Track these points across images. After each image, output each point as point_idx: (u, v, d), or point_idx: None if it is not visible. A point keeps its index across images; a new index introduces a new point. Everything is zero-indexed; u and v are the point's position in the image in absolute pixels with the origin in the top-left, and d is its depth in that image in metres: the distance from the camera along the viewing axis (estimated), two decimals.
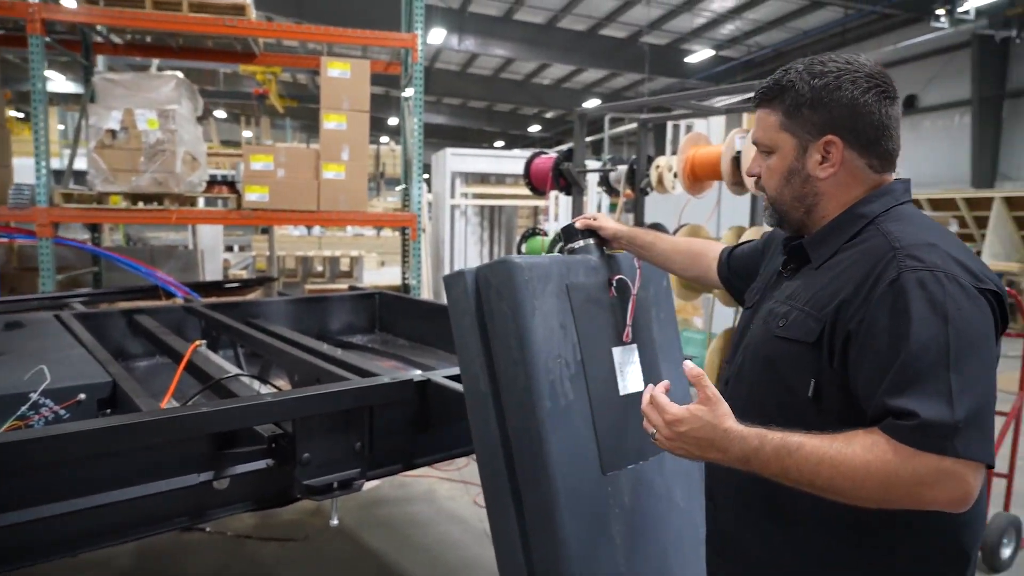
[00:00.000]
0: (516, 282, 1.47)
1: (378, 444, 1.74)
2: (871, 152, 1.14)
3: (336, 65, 4.76)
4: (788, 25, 14.70)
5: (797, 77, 1.14)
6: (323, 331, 3.75)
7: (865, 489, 0.97)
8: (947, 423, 0.93)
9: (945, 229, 1.13)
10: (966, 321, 0.97)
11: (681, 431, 1.06)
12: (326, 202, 4.81)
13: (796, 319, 1.12)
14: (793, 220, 1.21)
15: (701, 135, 3.61)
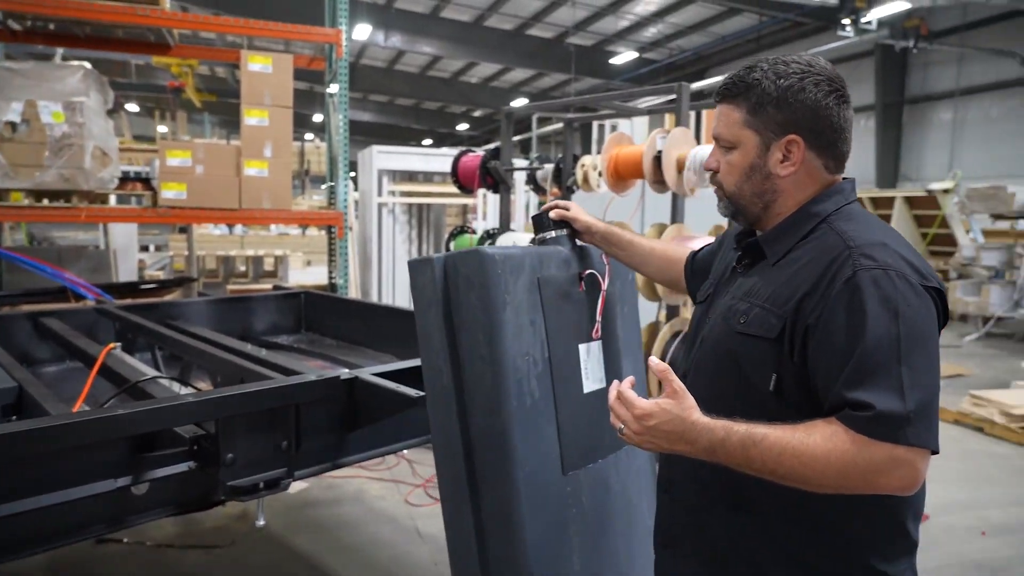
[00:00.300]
0: (488, 274, 1.42)
1: (305, 443, 1.72)
2: (828, 153, 1.19)
3: (257, 59, 4.63)
4: (708, 30, 15.23)
5: (763, 76, 1.17)
6: (247, 332, 3.66)
7: (826, 477, 1.02)
8: (899, 414, 0.99)
9: (890, 228, 1.18)
10: (915, 317, 1.03)
11: (650, 425, 1.08)
12: (248, 200, 4.67)
13: (757, 315, 1.15)
14: (750, 215, 1.24)
15: (624, 135, 3.71)
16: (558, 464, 1.52)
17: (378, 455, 2.06)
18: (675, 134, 3.26)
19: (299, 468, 1.72)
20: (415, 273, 1.50)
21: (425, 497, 3.64)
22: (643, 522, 1.81)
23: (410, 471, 3.97)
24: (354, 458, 1.99)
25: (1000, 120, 12.93)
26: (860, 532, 1.12)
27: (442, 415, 1.49)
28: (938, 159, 13.78)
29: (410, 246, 5.82)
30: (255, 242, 9.82)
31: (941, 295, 1.09)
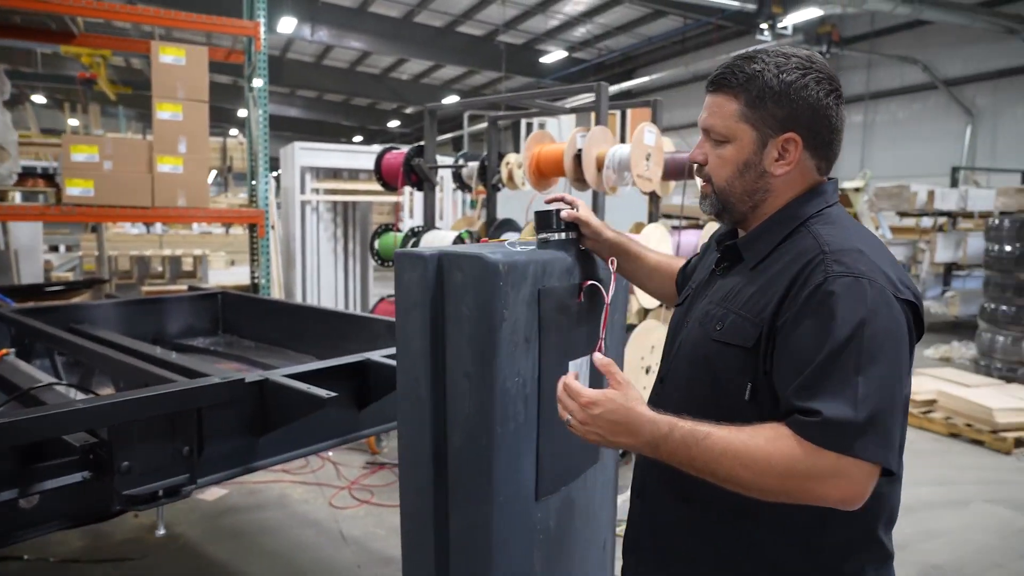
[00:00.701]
0: (489, 286, 1.27)
1: (210, 448, 1.66)
2: (822, 154, 1.14)
3: (169, 51, 4.44)
4: (635, 31, 15.53)
5: (764, 67, 1.11)
6: (159, 335, 3.52)
7: (764, 480, 0.99)
8: (849, 423, 0.95)
9: (871, 234, 1.13)
10: (881, 328, 0.99)
11: (596, 413, 1.06)
12: (162, 198, 4.48)
13: (733, 323, 1.11)
14: (737, 213, 1.19)
15: (546, 133, 3.74)
16: (532, 490, 1.43)
17: (292, 458, 2.01)
18: (594, 133, 3.31)
19: (204, 474, 1.66)
20: (402, 267, 1.35)
21: (350, 500, 3.58)
22: (601, 535, 1.81)
23: (335, 473, 3.91)
24: (267, 462, 1.93)
25: (906, 122, 13.71)
26: (833, 540, 1.09)
27: (414, 428, 1.37)
28: (851, 159, 14.49)
29: (335, 244, 5.71)
30: (175, 241, 9.43)
31: (915, 307, 1.05)
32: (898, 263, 1.10)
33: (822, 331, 1.00)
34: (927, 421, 4.95)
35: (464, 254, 1.31)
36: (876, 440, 0.96)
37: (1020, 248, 5.79)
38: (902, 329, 1.01)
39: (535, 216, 1.48)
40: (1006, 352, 5.81)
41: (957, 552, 3.19)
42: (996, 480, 4.11)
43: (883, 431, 0.97)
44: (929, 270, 8.64)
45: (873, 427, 0.96)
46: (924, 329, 1.07)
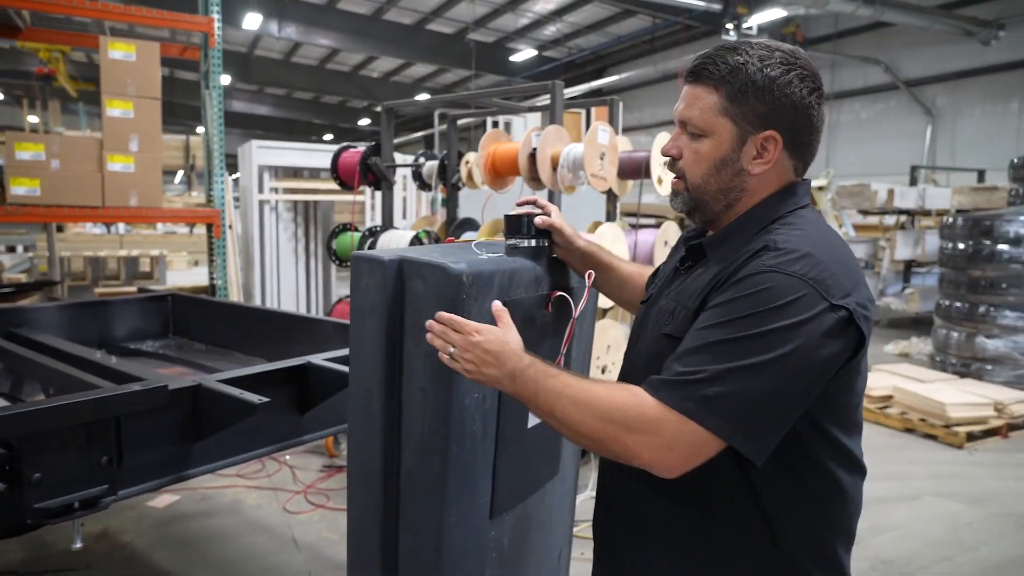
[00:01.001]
0: (452, 296, 1.20)
1: (133, 457, 1.61)
2: (800, 155, 1.11)
3: (119, 46, 4.34)
4: (605, 30, 15.58)
5: (748, 60, 1.06)
6: (106, 338, 3.43)
7: (586, 420, 0.99)
8: (696, 383, 0.95)
9: (835, 239, 1.08)
10: (790, 327, 0.95)
11: (475, 340, 1.09)
12: (113, 197, 4.37)
13: (681, 316, 1.09)
14: (710, 212, 1.14)
15: (501, 132, 3.72)
16: (487, 509, 1.38)
17: (230, 464, 1.96)
18: (549, 132, 3.29)
19: (127, 484, 1.61)
20: (359, 271, 1.27)
21: (305, 504, 3.53)
22: (557, 546, 1.78)
23: (291, 477, 3.84)
24: (202, 469, 1.88)
25: (869, 122, 13.94)
26: (789, 555, 1.07)
27: (363, 443, 1.30)
28: (817, 157, 14.69)
29: (296, 244, 5.62)
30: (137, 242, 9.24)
31: (851, 320, 0.98)
32: (858, 272, 1.05)
33: (723, 311, 0.99)
34: (883, 416, 5.03)
35: (426, 262, 1.23)
36: (726, 414, 0.94)
37: (973, 246, 5.91)
38: (817, 334, 0.95)
39: (505, 220, 1.41)
40: (960, 348, 5.93)
41: (907, 546, 3.24)
42: (948, 474, 4.19)
43: (743, 411, 0.94)
44: (889, 267, 8.79)
45: (729, 401, 0.94)
46: (865, 340, 1.00)
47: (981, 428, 4.71)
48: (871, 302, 1.04)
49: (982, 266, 5.84)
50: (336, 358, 2.17)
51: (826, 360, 0.97)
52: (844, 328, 0.97)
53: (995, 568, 3.06)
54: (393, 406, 1.27)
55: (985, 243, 5.82)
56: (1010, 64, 11.50)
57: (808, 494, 1.07)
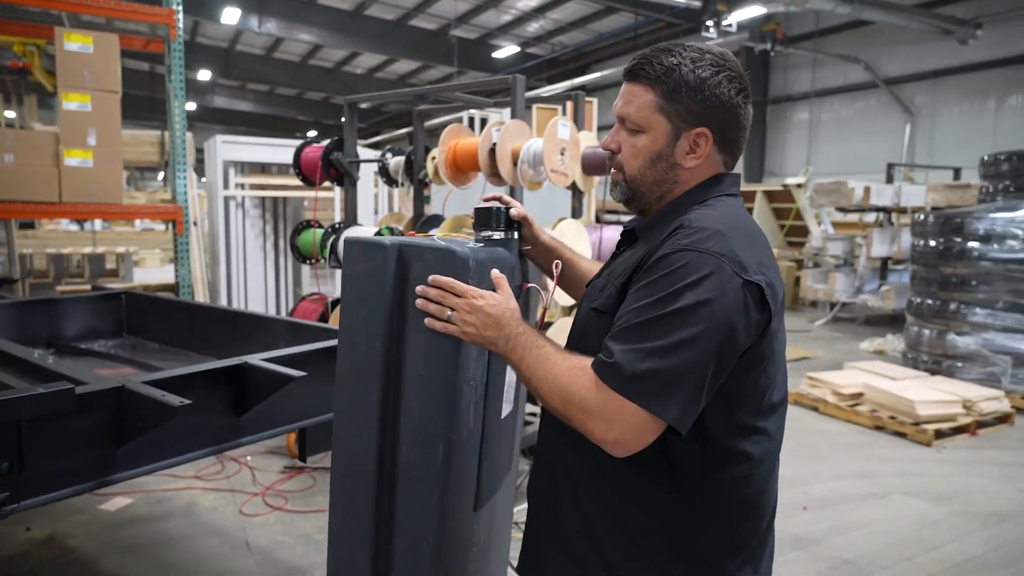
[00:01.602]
0: (460, 280, 1.18)
1: (41, 463, 1.54)
2: (729, 150, 1.19)
3: (75, 38, 4.23)
4: (587, 27, 15.55)
5: (681, 62, 1.13)
6: (56, 338, 3.34)
7: (553, 400, 1.08)
8: (628, 365, 1.01)
9: (746, 221, 1.16)
10: (704, 300, 1.01)
11: (479, 304, 1.15)
12: (70, 193, 4.28)
13: (608, 292, 1.17)
14: (645, 202, 1.22)
15: (463, 127, 3.66)
16: (472, 500, 1.36)
17: (158, 469, 1.89)
18: (509, 126, 3.24)
19: (34, 492, 1.53)
20: (356, 256, 1.20)
21: (262, 506, 3.46)
22: (508, 539, 1.79)
23: (251, 479, 3.77)
24: (127, 474, 1.81)
25: (849, 120, 14.00)
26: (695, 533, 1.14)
27: (353, 437, 1.23)
28: (798, 155, 14.76)
29: (264, 242, 5.53)
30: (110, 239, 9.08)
31: (760, 289, 1.05)
32: (766, 250, 1.13)
33: (647, 291, 1.06)
34: (854, 414, 5.03)
35: (431, 245, 1.20)
36: (653, 390, 1.00)
37: (944, 243, 5.92)
38: (732, 307, 1.03)
39: (476, 212, 1.40)
40: (931, 345, 5.94)
41: (870, 546, 3.22)
42: (915, 472, 4.18)
43: (667, 386, 1.00)
44: (866, 264, 8.81)
45: (654, 377, 1.00)
46: (773, 313, 1.08)
47: (950, 425, 4.71)
48: (780, 282, 1.11)
49: (953, 263, 5.85)
50: (275, 358, 2.11)
51: (741, 334, 1.04)
52: (756, 301, 1.05)
53: (957, 566, 3.05)
54: (391, 397, 1.22)
55: (956, 240, 5.83)
56: (987, 63, 11.58)
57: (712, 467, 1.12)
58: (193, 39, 16.75)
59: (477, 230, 1.39)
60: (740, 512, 1.16)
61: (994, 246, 5.63)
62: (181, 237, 4.69)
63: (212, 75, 18.88)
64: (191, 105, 21.34)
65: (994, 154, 6.22)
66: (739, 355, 1.06)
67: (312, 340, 2.47)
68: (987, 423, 4.90)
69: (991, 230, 5.64)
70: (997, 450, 4.54)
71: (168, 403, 1.63)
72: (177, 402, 1.63)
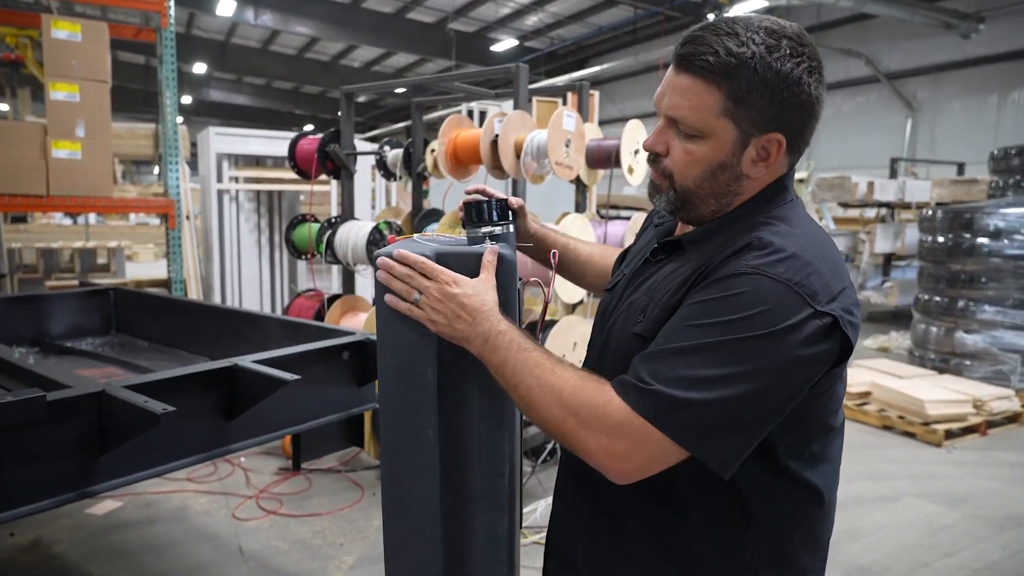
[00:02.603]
0: (508, 287, 1.08)
1: (15, 474, 1.43)
2: (798, 152, 1.01)
3: (63, 26, 4.10)
4: (587, 20, 15.40)
5: (754, 52, 0.91)
6: (41, 335, 3.22)
7: (550, 407, 0.93)
8: (665, 393, 0.87)
9: (821, 237, 0.99)
10: (768, 335, 0.86)
11: (453, 292, 1.00)
12: (58, 185, 4.15)
13: (654, 315, 0.99)
14: (700, 213, 1.03)
15: (464, 118, 3.54)
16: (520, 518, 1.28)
17: (143, 479, 1.77)
18: (512, 118, 3.12)
19: (7, 505, 1.42)
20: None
21: (255, 510, 3.34)
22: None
23: (244, 481, 3.66)
24: (108, 484, 1.70)
25: (850, 115, 13.89)
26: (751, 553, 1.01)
27: (412, 473, 1.10)
28: None
29: (259, 236, 5.41)
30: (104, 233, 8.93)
31: (834, 322, 0.89)
32: (845, 274, 0.96)
33: (701, 311, 0.91)
34: (861, 413, 4.93)
35: (469, 252, 1.08)
36: (691, 425, 0.87)
37: (952, 239, 5.81)
38: (798, 343, 0.87)
39: (465, 207, 1.24)
40: (939, 343, 5.84)
41: (884, 551, 3.12)
42: (926, 474, 4.08)
43: (709, 422, 0.87)
44: (869, 260, 8.71)
45: (697, 410, 0.86)
46: (851, 347, 0.91)
47: (960, 425, 4.61)
48: (857, 306, 0.94)
49: (962, 260, 5.75)
50: (267, 360, 1.99)
51: (806, 371, 0.90)
52: (828, 335, 0.89)
53: (975, 573, 2.95)
54: (452, 427, 1.09)
55: (965, 236, 5.73)
56: (990, 57, 11.47)
57: (780, 499, 1.00)
58: (188, 31, 16.57)
59: (471, 226, 1.21)
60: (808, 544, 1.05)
61: (1004, 242, 5.53)
62: (173, 231, 4.57)
63: (208, 68, 18.70)
64: (187, 98, 21.15)
65: (1004, 148, 6.11)
66: (805, 391, 0.91)
67: (308, 340, 2.35)
68: (997, 423, 4.81)
69: (1001, 226, 5.54)
70: (1008, 451, 4.45)
71: (150, 410, 1.52)
72: (160, 409, 1.52)
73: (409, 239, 1.21)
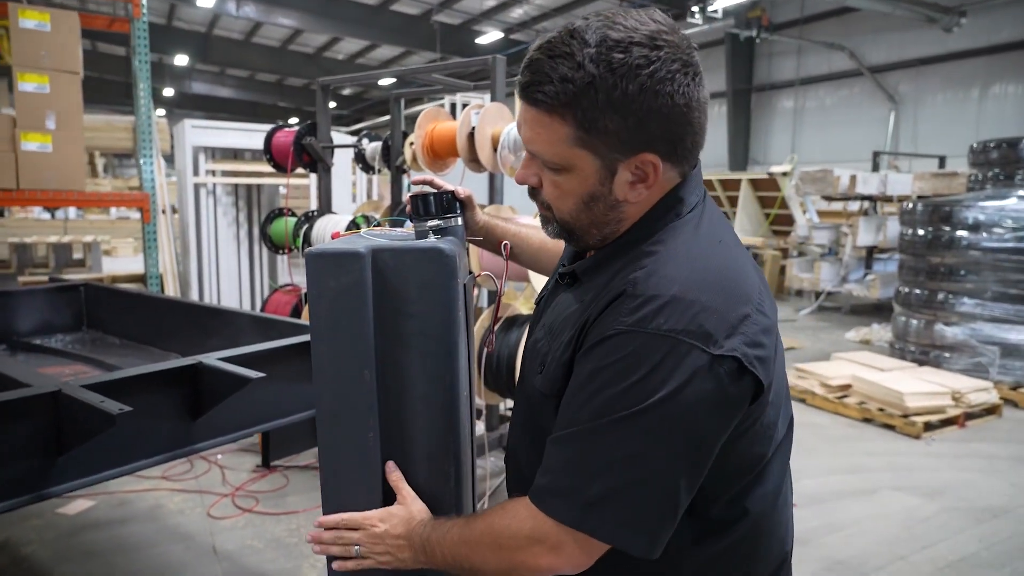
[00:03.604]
0: (447, 284, 1.02)
1: None
2: (685, 158, 0.91)
3: (31, 15, 4.01)
4: (572, 13, 15.33)
5: (597, 75, 0.81)
6: (8, 332, 3.16)
7: (486, 556, 0.90)
8: (578, 495, 0.83)
9: (714, 256, 0.89)
10: (662, 399, 0.79)
11: (381, 531, 0.99)
12: (28, 179, 4.07)
13: (552, 368, 0.94)
14: (585, 243, 0.98)
15: (441, 110, 3.50)
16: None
17: (101, 480, 1.73)
18: (489, 110, 3.08)
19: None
20: (323, 272, 1.01)
21: (231, 508, 3.30)
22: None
23: (220, 478, 3.61)
24: (67, 486, 1.66)
25: (833, 108, 13.96)
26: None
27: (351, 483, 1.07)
28: (782, 143, 14.71)
29: (238, 231, 5.34)
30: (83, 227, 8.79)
31: (742, 368, 0.81)
32: (744, 293, 0.85)
33: (587, 387, 0.84)
34: (842, 406, 4.95)
35: (421, 248, 1.03)
36: (613, 518, 0.82)
37: (932, 232, 5.84)
38: (698, 396, 0.79)
39: (412, 200, 1.20)
40: (919, 335, 5.88)
41: (862, 544, 3.13)
42: (905, 466, 4.10)
43: (629, 510, 0.82)
44: (852, 253, 8.76)
45: (612, 501, 0.82)
46: (763, 384, 0.84)
47: (939, 417, 4.64)
48: (767, 332, 0.85)
49: (941, 253, 5.78)
50: (233, 357, 1.95)
51: (719, 421, 0.83)
52: (735, 378, 0.81)
53: (951, 566, 2.96)
54: (393, 430, 1.06)
55: (944, 229, 5.76)
56: (971, 51, 11.55)
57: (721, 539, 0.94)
58: (170, 23, 16.34)
59: (417, 220, 1.17)
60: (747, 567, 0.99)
61: (983, 235, 5.56)
62: (148, 226, 4.49)
63: (190, 60, 18.46)
64: (169, 91, 20.88)
65: (983, 142, 6.14)
66: (720, 442, 0.84)
67: (280, 336, 2.31)
68: (975, 415, 4.84)
69: (980, 219, 5.57)
70: (986, 442, 4.48)
71: (106, 410, 1.47)
72: (116, 409, 1.48)
73: (355, 234, 1.17)
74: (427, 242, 1.07)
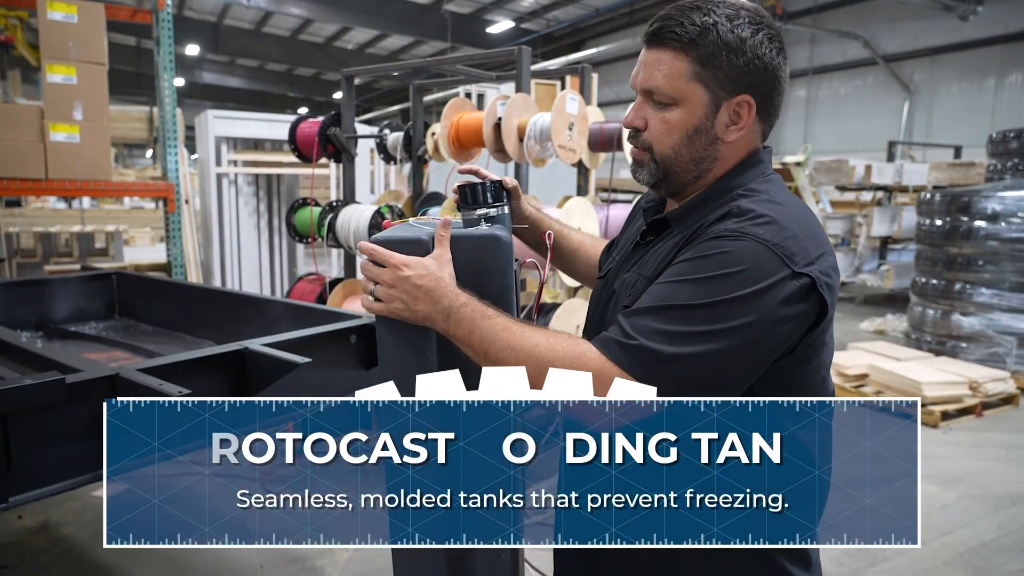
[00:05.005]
0: (506, 271, 1.09)
1: (30, 458, 1.44)
2: (768, 120, 1.06)
3: (59, 7, 4.05)
4: (583, 2, 15.27)
5: (716, 20, 0.99)
6: (45, 320, 3.22)
7: (517, 360, 0.94)
8: (651, 349, 0.91)
9: (798, 208, 1.03)
10: (748, 295, 0.91)
11: (405, 275, 1.01)
12: (57, 169, 4.12)
13: (640, 287, 1.03)
14: (679, 183, 1.07)
15: (467, 101, 3.54)
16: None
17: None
18: (515, 100, 3.12)
19: (21, 489, 1.43)
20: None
21: None
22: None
23: None
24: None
25: (847, 98, 13.87)
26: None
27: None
28: (795, 133, 14.63)
29: (258, 220, 5.40)
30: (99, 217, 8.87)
31: (814, 288, 0.94)
32: (823, 240, 1.00)
33: (682, 271, 0.96)
34: (859, 395, 4.97)
35: (479, 235, 1.10)
36: (671, 377, 0.90)
37: (950, 222, 5.84)
38: (776, 302, 0.92)
39: (461, 190, 1.22)
40: (935, 325, 5.89)
41: None
42: (923, 455, 4.11)
43: (687, 375, 0.91)
44: (866, 244, 8.75)
45: (682, 364, 0.91)
46: (828, 309, 0.97)
47: (956, 407, 4.67)
48: (835, 271, 1.00)
49: (959, 243, 5.78)
50: (277, 343, 2.00)
51: (784, 329, 0.94)
52: (805, 296, 0.94)
53: (971, 552, 3.01)
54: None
55: (962, 219, 5.75)
56: (987, 40, 11.45)
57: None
58: (181, 12, 16.36)
59: (466, 209, 1.20)
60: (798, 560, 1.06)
61: (1001, 225, 5.56)
62: (172, 215, 4.55)
63: (200, 50, 18.49)
64: (179, 81, 20.95)
65: (1002, 132, 6.12)
66: (781, 350, 0.96)
67: (313, 323, 2.36)
68: (992, 404, 4.86)
69: (999, 209, 5.57)
70: (1003, 432, 4.51)
71: (166, 393, 1.53)
72: (176, 392, 1.53)
73: (405, 223, 1.21)
74: (483, 229, 1.11)
